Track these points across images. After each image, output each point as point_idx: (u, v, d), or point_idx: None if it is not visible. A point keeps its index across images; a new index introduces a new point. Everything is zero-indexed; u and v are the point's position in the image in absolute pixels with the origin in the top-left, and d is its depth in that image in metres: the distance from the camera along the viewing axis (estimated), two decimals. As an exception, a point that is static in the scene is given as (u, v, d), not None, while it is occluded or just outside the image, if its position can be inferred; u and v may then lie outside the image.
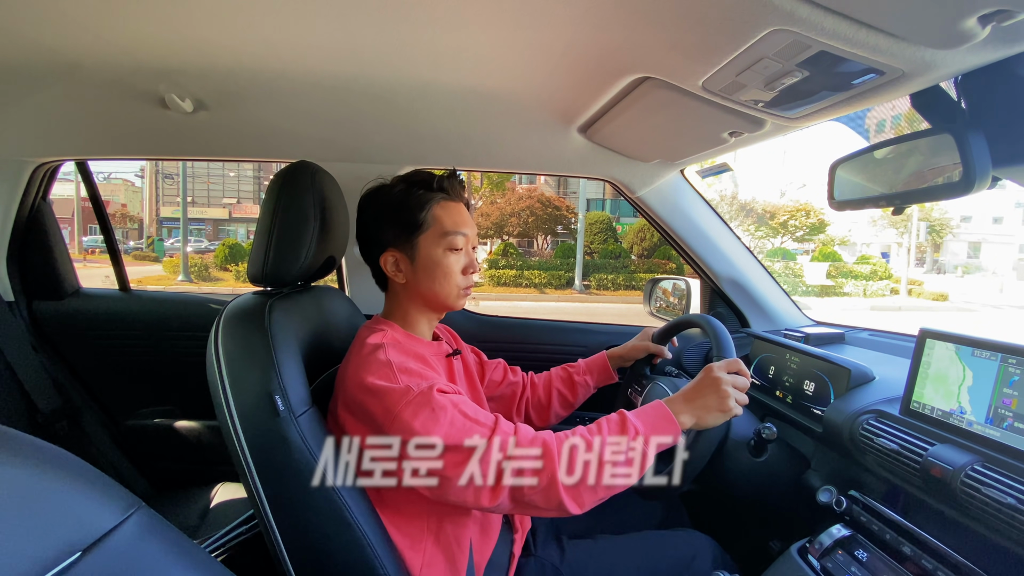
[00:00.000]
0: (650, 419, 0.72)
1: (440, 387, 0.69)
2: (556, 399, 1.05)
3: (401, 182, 0.80)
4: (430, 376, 0.71)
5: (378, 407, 0.68)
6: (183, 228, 13.39)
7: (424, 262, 0.78)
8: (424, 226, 0.78)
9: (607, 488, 0.68)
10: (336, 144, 1.21)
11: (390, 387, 0.68)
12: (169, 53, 0.84)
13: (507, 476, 0.66)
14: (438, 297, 0.80)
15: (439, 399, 0.67)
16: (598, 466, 0.67)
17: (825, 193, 0.82)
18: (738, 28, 0.56)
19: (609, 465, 0.67)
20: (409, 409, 0.66)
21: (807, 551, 0.74)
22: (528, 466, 0.66)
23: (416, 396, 0.67)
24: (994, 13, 0.45)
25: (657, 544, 0.90)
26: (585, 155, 1.19)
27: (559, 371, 1.08)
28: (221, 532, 1.04)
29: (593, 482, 0.67)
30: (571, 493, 0.66)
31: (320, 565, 0.71)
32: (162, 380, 1.48)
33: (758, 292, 1.32)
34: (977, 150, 0.59)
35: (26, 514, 0.33)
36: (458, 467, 0.66)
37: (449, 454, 0.66)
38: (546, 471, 0.66)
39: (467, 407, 0.69)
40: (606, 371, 1.07)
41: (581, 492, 0.67)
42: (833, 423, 0.83)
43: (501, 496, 0.66)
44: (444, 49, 0.79)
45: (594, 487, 0.67)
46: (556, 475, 0.66)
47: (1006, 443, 0.62)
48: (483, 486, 0.67)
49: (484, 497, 0.67)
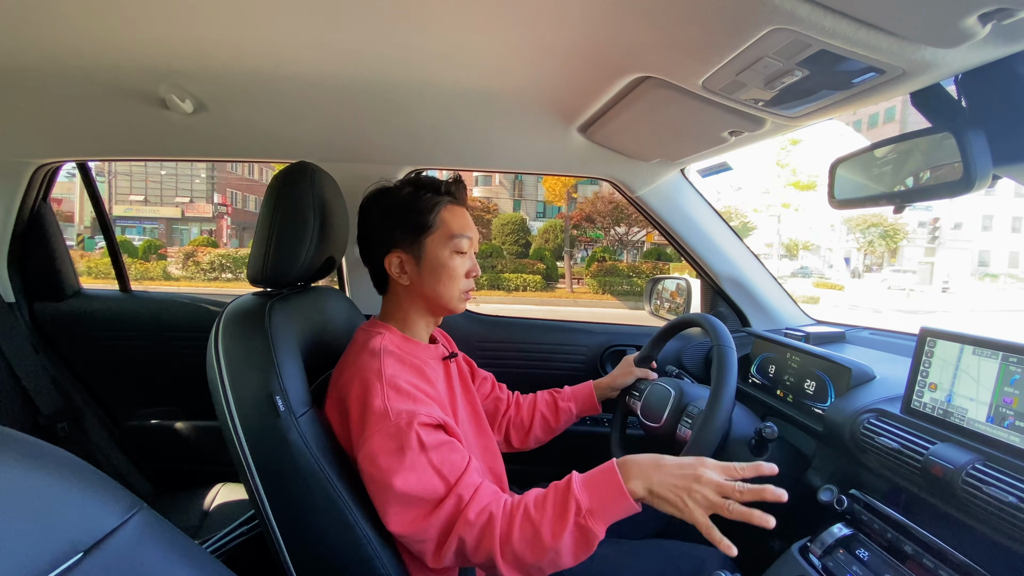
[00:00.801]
0: (598, 492, 0.63)
1: (422, 419, 0.66)
2: (538, 422, 1.04)
3: (408, 185, 0.81)
4: (418, 400, 0.69)
5: (357, 419, 0.68)
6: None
7: (430, 263, 0.79)
8: (432, 228, 0.79)
9: (553, 566, 0.62)
10: (336, 145, 1.21)
11: (372, 404, 0.67)
12: (169, 54, 0.84)
13: (448, 546, 0.63)
14: (441, 299, 0.80)
15: (410, 438, 0.64)
16: (538, 547, 0.61)
17: (753, 194, 0.82)
18: (738, 27, 0.56)
19: (550, 548, 0.61)
20: (378, 438, 0.65)
21: (808, 550, 0.74)
22: (470, 540, 0.63)
23: (391, 427, 0.65)
24: (994, 12, 0.45)
25: (662, 552, 0.90)
26: (585, 155, 1.19)
27: (545, 395, 1.08)
28: (222, 532, 1.04)
29: (536, 562, 0.62)
30: (511, 569, 0.62)
31: (321, 565, 0.71)
32: (163, 381, 1.48)
33: (758, 291, 1.32)
34: (977, 149, 0.59)
35: (27, 515, 0.33)
36: (405, 523, 0.64)
37: (398, 504, 0.64)
38: (484, 548, 0.62)
39: (436, 454, 0.65)
40: (590, 401, 1.06)
41: (527, 570, 0.63)
42: (834, 422, 0.83)
43: (444, 561, 0.64)
44: (443, 49, 0.79)
45: (539, 567, 0.62)
46: (496, 554, 0.62)
47: (1007, 442, 0.62)
48: (425, 550, 0.65)
49: (428, 558, 0.65)
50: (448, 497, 0.64)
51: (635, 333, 1.45)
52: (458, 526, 0.63)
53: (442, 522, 0.64)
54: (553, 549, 0.61)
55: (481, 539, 0.62)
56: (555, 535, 0.61)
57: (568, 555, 0.61)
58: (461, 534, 0.63)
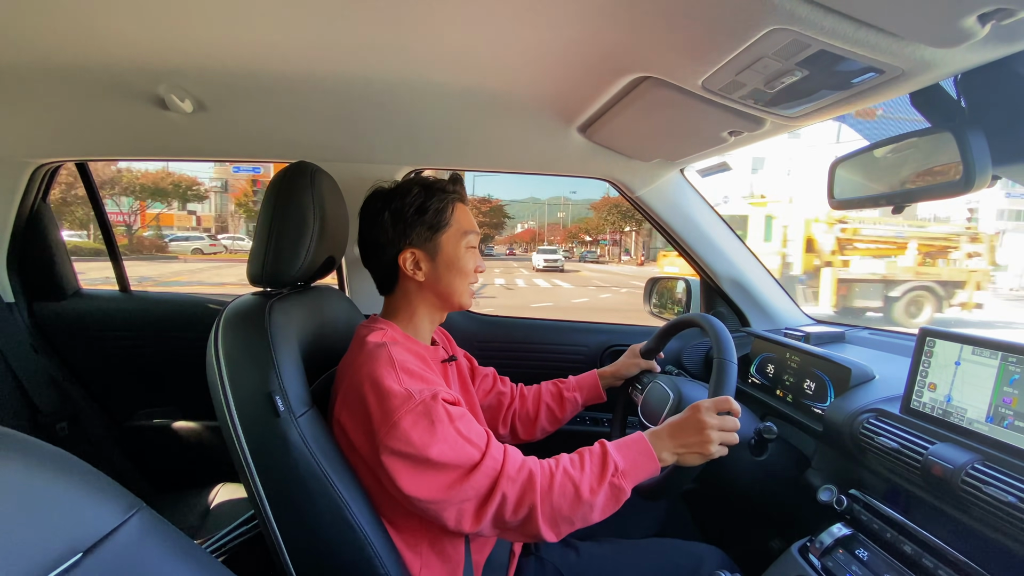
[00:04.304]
0: (631, 456, 0.72)
1: (443, 395, 0.68)
2: (544, 413, 1.04)
3: (415, 185, 0.81)
4: (432, 380, 0.71)
5: (376, 408, 0.67)
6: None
7: (446, 260, 0.80)
8: (448, 226, 0.81)
9: (583, 521, 0.69)
10: (335, 144, 1.21)
11: (392, 388, 0.67)
12: (169, 54, 0.84)
13: (491, 504, 0.66)
14: (454, 294, 0.82)
15: (439, 411, 0.66)
16: (576, 501, 0.67)
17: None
18: (738, 27, 0.56)
19: (587, 502, 0.67)
20: (409, 418, 0.65)
21: (808, 550, 0.74)
22: (512, 495, 0.66)
23: (418, 404, 0.66)
24: (994, 12, 0.45)
25: (662, 551, 0.90)
26: (585, 155, 1.19)
27: (549, 385, 1.08)
28: (222, 532, 1.04)
29: (570, 515, 0.68)
30: (549, 524, 0.67)
31: (321, 565, 0.71)
32: (162, 381, 1.48)
33: (758, 291, 1.32)
34: (977, 148, 0.59)
35: (27, 515, 0.33)
36: (443, 488, 0.65)
37: (437, 473, 0.65)
38: (526, 502, 0.66)
39: (462, 423, 0.68)
40: (595, 390, 1.07)
41: (559, 523, 0.68)
42: (834, 422, 0.84)
43: (483, 522, 0.66)
44: (443, 49, 0.79)
45: (571, 520, 0.68)
46: (536, 508, 0.66)
47: (1007, 441, 0.62)
48: (465, 511, 0.66)
49: (466, 521, 0.67)
50: (484, 459, 0.67)
51: (635, 332, 1.45)
52: (501, 482, 0.66)
53: (483, 482, 0.66)
54: (589, 503, 0.68)
55: (524, 493, 0.67)
56: (592, 491, 0.68)
57: (600, 510, 0.69)
58: (504, 490, 0.66)
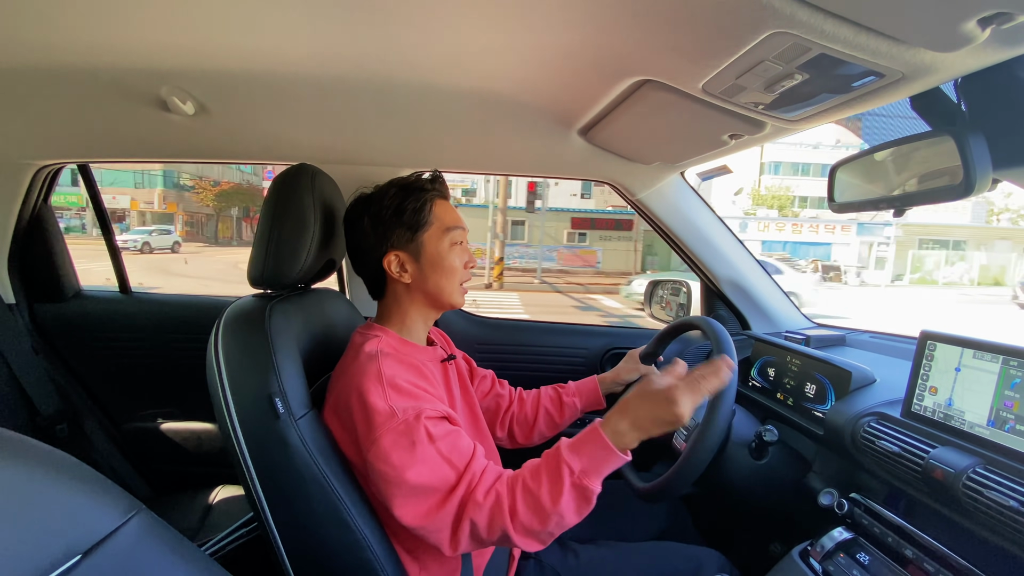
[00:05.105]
0: (589, 451, 0.67)
1: (428, 412, 0.67)
2: (543, 418, 1.03)
3: (392, 187, 0.81)
4: (420, 397, 0.69)
5: (362, 422, 0.67)
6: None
7: (430, 258, 0.79)
8: (427, 224, 0.80)
9: (560, 527, 0.65)
10: (336, 147, 1.21)
11: (376, 405, 0.66)
12: (171, 56, 0.84)
13: (461, 531, 0.65)
14: (443, 293, 0.81)
15: (420, 431, 0.65)
16: (542, 514, 0.64)
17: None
18: (738, 31, 0.56)
19: (553, 512, 0.64)
20: (390, 437, 0.65)
21: (808, 554, 0.74)
22: (481, 521, 0.64)
23: (399, 424, 0.65)
24: (994, 16, 0.45)
25: (662, 554, 0.89)
26: (585, 157, 1.19)
27: (549, 390, 1.07)
28: (221, 535, 1.04)
29: (542, 527, 0.64)
30: (526, 538, 0.65)
31: (320, 567, 0.71)
32: (162, 382, 1.48)
33: (758, 294, 1.32)
34: (977, 152, 0.59)
35: (26, 517, 0.33)
36: (422, 516, 0.65)
37: (416, 497, 0.65)
38: (497, 526, 0.64)
39: (443, 443, 0.67)
40: (595, 395, 1.05)
41: (536, 535, 0.65)
42: (834, 425, 0.83)
43: (461, 547, 0.66)
44: (445, 52, 0.79)
45: (547, 530, 0.65)
46: (508, 528, 0.64)
47: (1008, 445, 0.62)
48: (442, 540, 0.66)
49: (445, 548, 0.66)
50: (459, 484, 0.66)
51: (635, 335, 1.45)
52: (468, 509, 0.65)
53: (455, 508, 0.65)
54: (556, 512, 0.64)
55: (492, 518, 0.65)
56: (554, 500, 0.64)
57: (571, 514, 0.65)
58: (472, 517, 0.64)
